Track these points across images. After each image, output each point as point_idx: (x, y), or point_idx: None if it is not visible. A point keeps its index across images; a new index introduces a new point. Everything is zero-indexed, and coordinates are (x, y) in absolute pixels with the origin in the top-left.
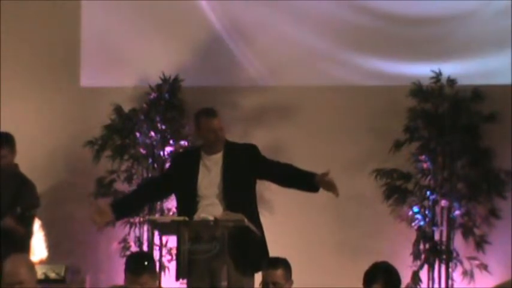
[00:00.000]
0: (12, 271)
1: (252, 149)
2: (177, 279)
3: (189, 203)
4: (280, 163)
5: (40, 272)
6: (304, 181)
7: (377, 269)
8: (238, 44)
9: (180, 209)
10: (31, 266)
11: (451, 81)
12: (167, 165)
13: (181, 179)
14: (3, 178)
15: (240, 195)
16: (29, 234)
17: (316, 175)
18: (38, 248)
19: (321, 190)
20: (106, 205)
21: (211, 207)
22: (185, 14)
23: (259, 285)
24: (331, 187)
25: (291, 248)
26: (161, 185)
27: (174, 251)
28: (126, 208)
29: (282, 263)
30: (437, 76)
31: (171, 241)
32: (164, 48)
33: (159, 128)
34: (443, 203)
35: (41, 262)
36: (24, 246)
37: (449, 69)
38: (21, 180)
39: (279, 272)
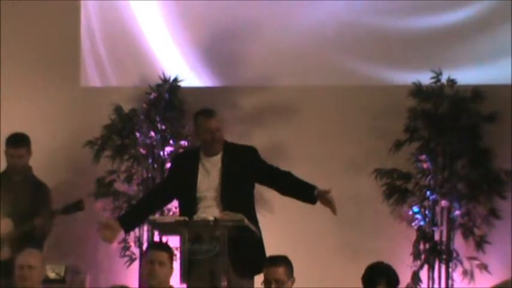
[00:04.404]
0: (24, 257)
1: (252, 152)
2: (182, 282)
3: (188, 204)
4: (279, 170)
5: None
6: (303, 192)
7: (376, 271)
8: (238, 44)
9: (181, 210)
10: (42, 258)
11: (451, 81)
12: (167, 165)
13: (181, 180)
14: (19, 180)
15: (238, 198)
16: (48, 234)
17: (317, 188)
18: None
19: None
20: (114, 220)
21: (210, 209)
22: (185, 14)
23: (261, 284)
24: (330, 205)
25: (291, 248)
26: (165, 191)
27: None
28: (134, 221)
29: (284, 261)
30: (437, 76)
31: (171, 241)
32: (164, 48)
33: (159, 128)
34: (443, 203)
35: None
36: (40, 244)
37: (450, 69)
38: (36, 184)
39: (281, 270)
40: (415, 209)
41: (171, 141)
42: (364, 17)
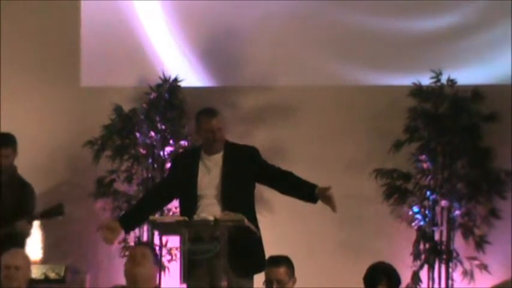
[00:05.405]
0: (11, 257)
1: (252, 152)
2: (182, 282)
3: (189, 202)
4: (280, 169)
5: (40, 272)
6: (304, 191)
7: (377, 270)
8: (238, 44)
9: (181, 209)
10: (27, 258)
11: (451, 81)
12: (167, 165)
13: (182, 179)
14: (5, 180)
15: (238, 197)
16: (28, 237)
17: (317, 187)
18: (34, 248)
19: None
20: (114, 221)
21: (210, 207)
22: (185, 14)
23: (263, 284)
24: (330, 202)
25: (291, 248)
26: (165, 191)
27: (174, 251)
28: (134, 221)
29: (285, 261)
30: (437, 76)
31: (171, 241)
32: (164, 48)
33: (159, 128)
34: (443, 203)
35: (35, 263)
36: (22, 246)
37: (450, 69)
38: (21, 184)
39: (282, 270)
40: (415, 209)
41: (171, 141)
42: (364, 18)
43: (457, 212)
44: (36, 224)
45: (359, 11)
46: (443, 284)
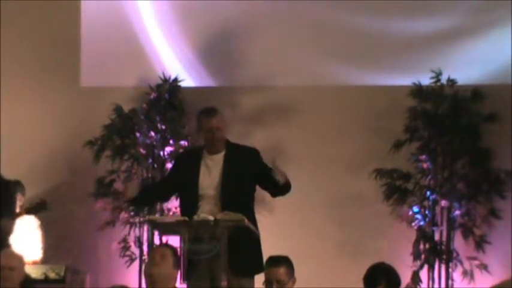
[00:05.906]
0: (5, 258)
1: (254, 153)
2: (182, 282)
3: (189, 202)
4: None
5: (40, 272)
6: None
7: (377, 271)
8: (238, 44)
9: (182, 209)
10: (21, 258)
11: (451, 81)
12: (167, 165)
13: (183, 178)
14: None
15: (236, 198)
16: (11, 233)
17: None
18: (34, 248)
19: (321, 191)
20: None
21: (210, 207)
22: (185, 14)
23: (263, 284)
24: (277, 173)
25: (291, 248)
26: (166, 187)
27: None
28: (143, 197)
29: (285, 261)
30: (437, 76)
31: (171, 241)
32: (164, 48)
33: (159, 128)
34: (443, 203)
35: (35, 263)
36: (6, 243)
37: (450, 69)
38: (3, 184)
39: (282, 270)
40: (415, 209)
41: (171, 141)
42: (364, 18)
43: (457, 212)
44: (36, 224)
45: (359, 12)
46: (443, 284)
